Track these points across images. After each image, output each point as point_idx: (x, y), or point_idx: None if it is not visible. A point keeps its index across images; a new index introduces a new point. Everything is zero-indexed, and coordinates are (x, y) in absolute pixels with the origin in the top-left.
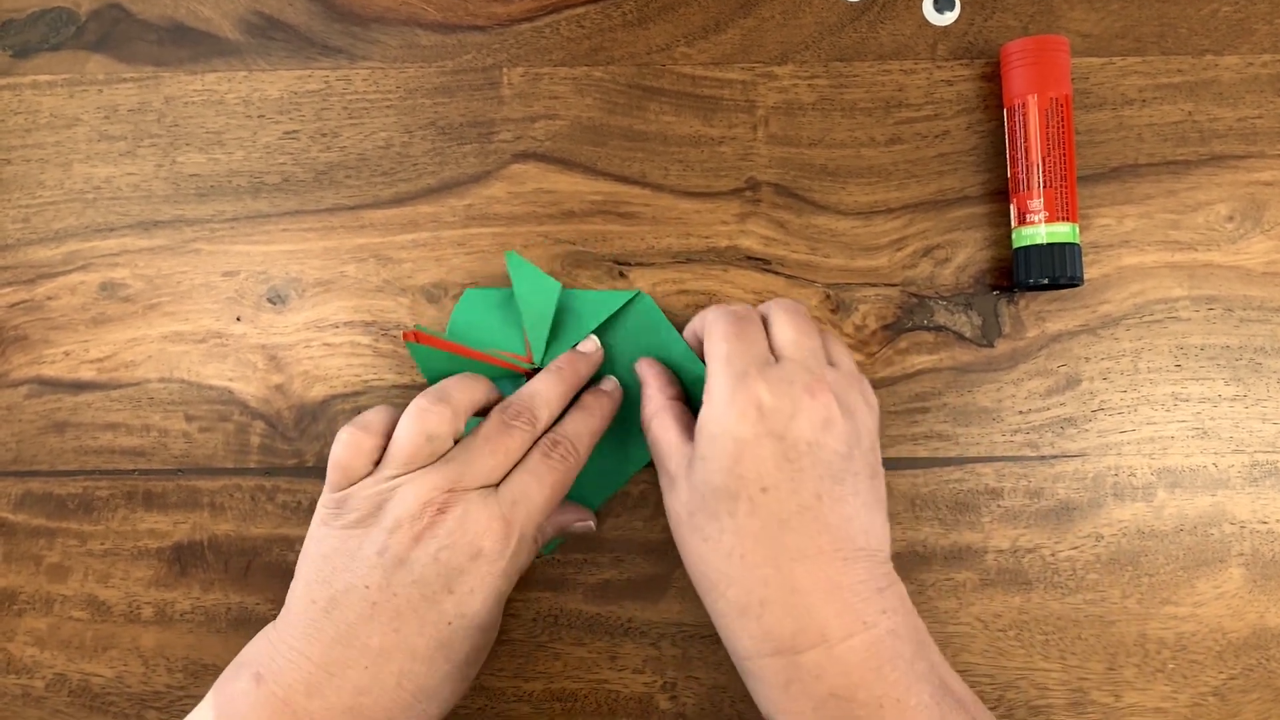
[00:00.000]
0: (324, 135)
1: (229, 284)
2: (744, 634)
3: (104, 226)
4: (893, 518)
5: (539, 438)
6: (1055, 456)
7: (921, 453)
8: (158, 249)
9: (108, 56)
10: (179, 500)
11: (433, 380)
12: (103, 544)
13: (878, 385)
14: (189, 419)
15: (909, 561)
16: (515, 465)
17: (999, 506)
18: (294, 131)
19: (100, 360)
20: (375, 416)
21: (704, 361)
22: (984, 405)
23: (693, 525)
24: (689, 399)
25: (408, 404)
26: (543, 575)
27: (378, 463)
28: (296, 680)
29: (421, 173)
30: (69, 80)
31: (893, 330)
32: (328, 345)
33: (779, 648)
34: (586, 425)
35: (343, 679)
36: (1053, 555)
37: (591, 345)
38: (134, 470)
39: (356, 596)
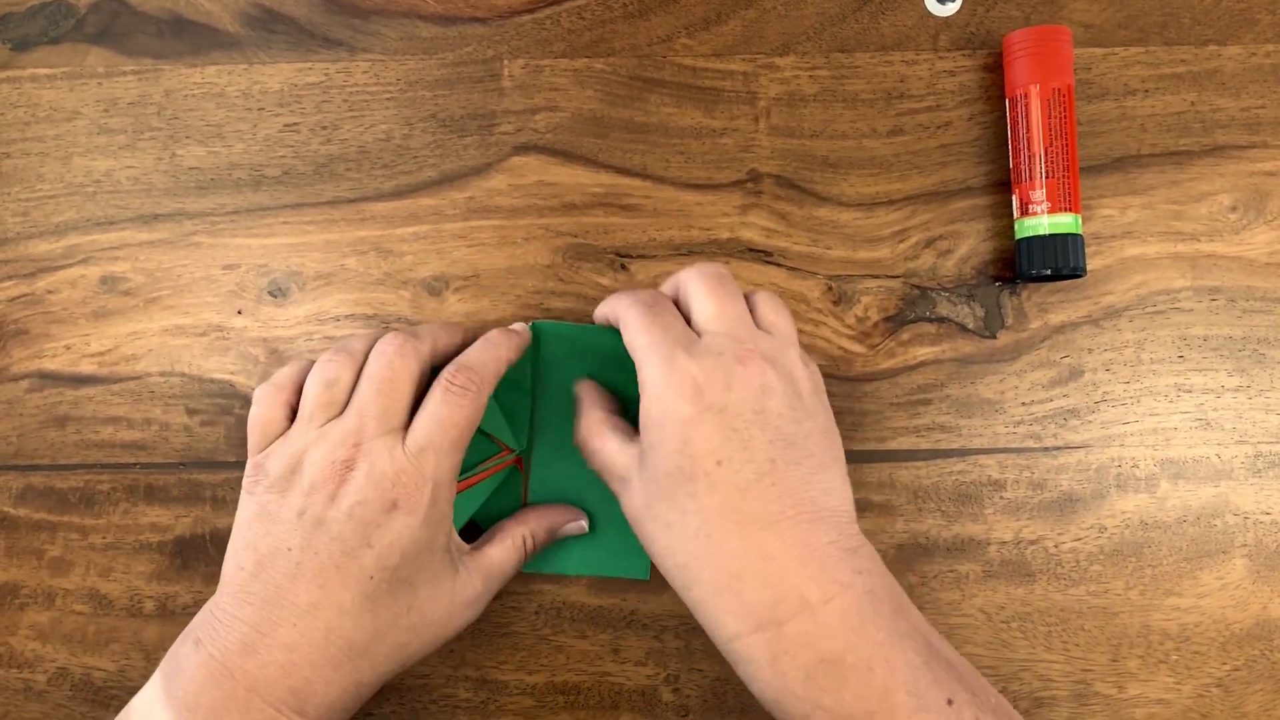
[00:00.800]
0: (324, 128)
1: (230, 277)
2: (725, 613)
3: (104, 220)
4: (895, 510)
5: (430, 366)
6: (1058, 448)
7: (924, 444)
8: (158, 242)
9: (107, 49)
10: (181, 494)
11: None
12: (104, 538)
13: (880, 377)
14: (190, 412)
15: (911, 553)
16: (420, 403)
17: (1002, 498)
18: (294, 124)
19: (101, 354)
20: (286, 371)
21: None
22: (986, 397)
23: (653, 516)
24: (624, 391)
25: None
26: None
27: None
28: (232, 642)
29: (422, 165)
30: (68, 73)
31: (895, 322)
32: (329, 339)
33: (761, 621)
34: (490, 353)
35: (273, 638)
36: (1056, 547)
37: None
38: (135, 464)
39: (281, 558)
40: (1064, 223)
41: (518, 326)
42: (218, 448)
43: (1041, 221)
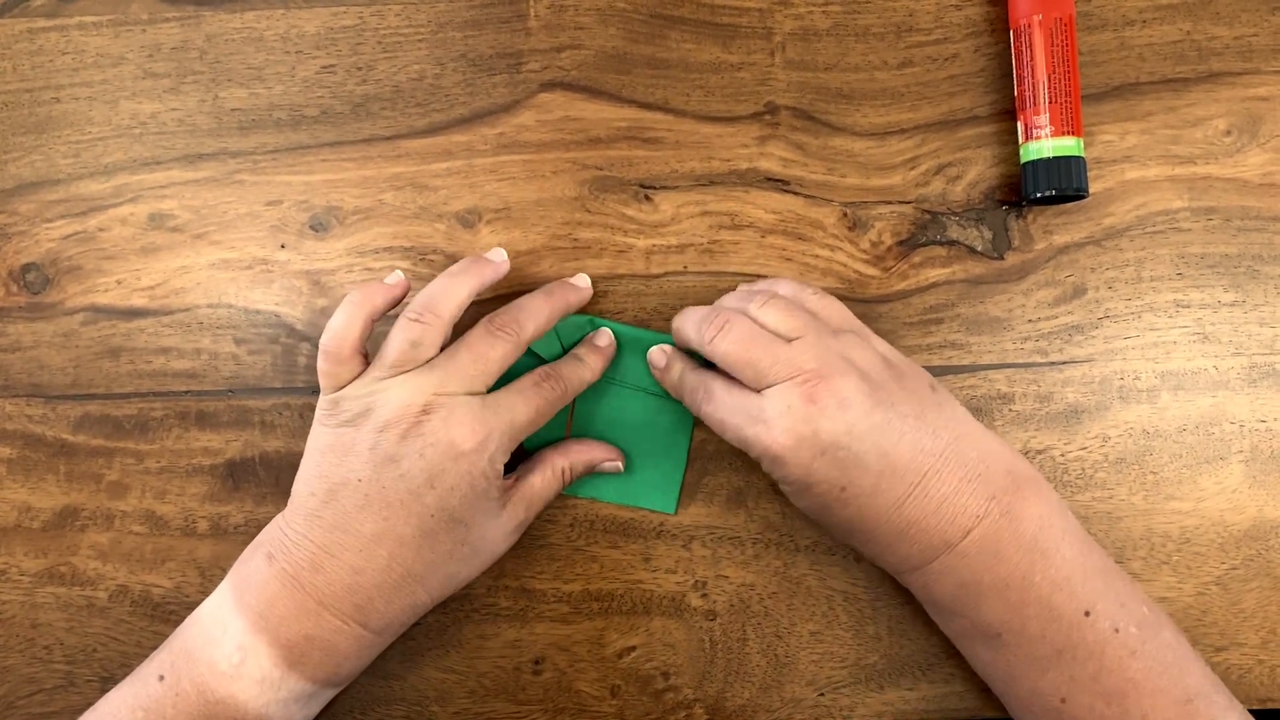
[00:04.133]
0: (359, 69)
1: (272, 213)
2: (883, 563)
3: (151, 160)
4: None
5: (522, 347)
6: (1064, 362)
7: (936, 361)
8: (203, 180)
9: None
10: (230, 419)
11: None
12: (159, 462)
13: (894, 298)
14: (238, 342)
15: None
16: (503, 382)
17: (1011, 411)
18: (331, 66)
19: (151, 288)
20: (340, 320)
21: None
22: (995, 315)
23: (803, 509)
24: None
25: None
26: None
27: (366, 358)
28: (302, 559)
29: (454, 103)
30: (114, 20)
31: (907, 245)
32: (369, 270)
33: (916, 566)
34: (578, 373)
35: (341, 559)
36: (1063, 456)
37: (583, 282)
38: (186, 391)
39: (350, 489)
40: (1067, 145)
41: (602, 341)
42: (265, 375)
43: (1045, 145)
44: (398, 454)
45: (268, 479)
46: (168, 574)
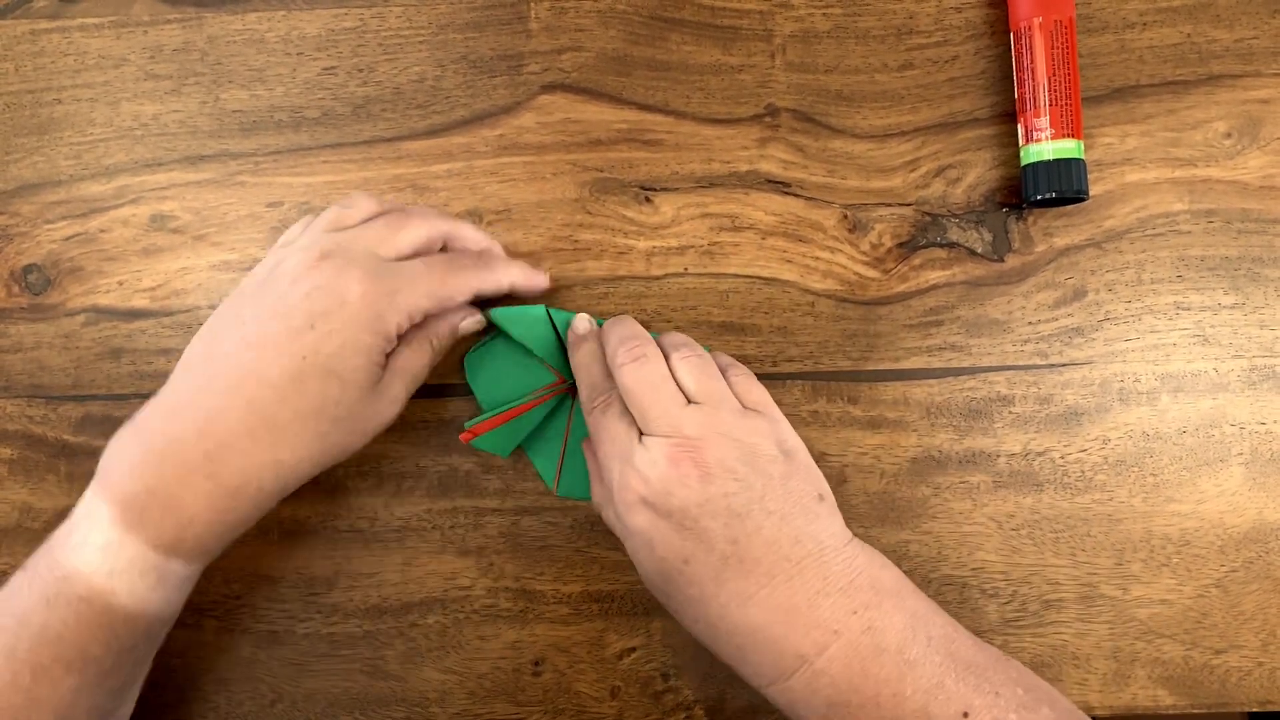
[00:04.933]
0: (360, 71)
1: (273, 214)
2: (741, 674)
3: (152, 161)
4: (909, 426)
5: (434, 228)
6: (1064, 365)
7: (936, 363)
8: (204, 182)
9: None
10: None
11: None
12: None
13: (893, 300)
14: None
15: (925, 466)
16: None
17: (1010, 413)
18: (332, 67)
19: (152, 289)
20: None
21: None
22: (995, 317)
23: (660, 597)
24: None
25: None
26: None
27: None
28: (159, 407)
29: (454, 105)
30: (115, 22)
31: (908, 248)
32: None
33: (771, 679)
34: (505, 267)
35: (197, 403)
36: (1062, 458)
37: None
38: None
39: (231, 331)
40: (1067, 148)
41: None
42: None
43: (1046, 147)
44: (285, 292)
45: None
46: None
